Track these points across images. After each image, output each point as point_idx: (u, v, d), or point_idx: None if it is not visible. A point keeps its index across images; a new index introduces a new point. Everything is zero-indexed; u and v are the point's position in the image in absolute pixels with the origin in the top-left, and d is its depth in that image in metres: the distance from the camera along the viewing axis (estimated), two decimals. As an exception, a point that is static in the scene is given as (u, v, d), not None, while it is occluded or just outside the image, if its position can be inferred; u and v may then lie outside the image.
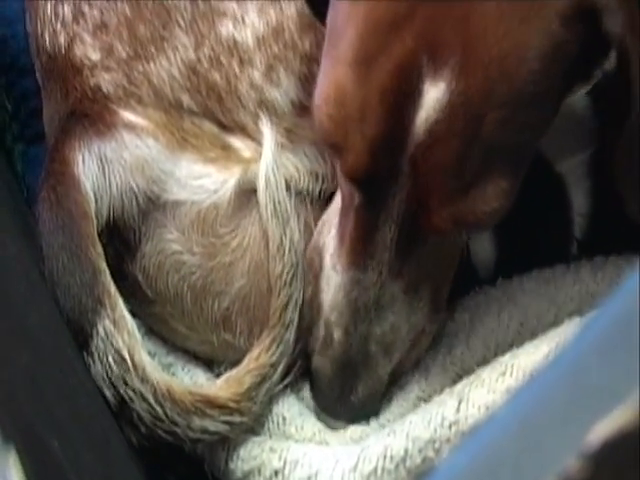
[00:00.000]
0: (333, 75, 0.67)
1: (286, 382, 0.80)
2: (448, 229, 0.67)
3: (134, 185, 0.77)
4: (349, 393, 0.77)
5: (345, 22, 0.66)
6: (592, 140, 0.85)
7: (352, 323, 0.74)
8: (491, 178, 0.65)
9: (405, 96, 0.63)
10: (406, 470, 0.74)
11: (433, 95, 0.63)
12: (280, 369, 0.79)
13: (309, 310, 0.78)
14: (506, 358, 0.77)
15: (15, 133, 0.99)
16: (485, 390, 0.75)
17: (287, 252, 0.78)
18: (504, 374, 0.75)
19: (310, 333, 0.79)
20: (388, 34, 0.63)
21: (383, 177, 0.67)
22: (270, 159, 0.77)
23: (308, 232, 0.81)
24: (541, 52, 0.62)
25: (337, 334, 0.75)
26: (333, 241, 0.75)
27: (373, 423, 0.79)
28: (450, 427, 0.74)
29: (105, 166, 0.77)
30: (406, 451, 0.74)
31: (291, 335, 0.79)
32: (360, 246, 0.71)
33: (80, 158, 0.77)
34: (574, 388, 0.39)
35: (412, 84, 0.63)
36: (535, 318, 0.80)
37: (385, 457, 0.74)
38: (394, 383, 0.80)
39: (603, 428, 0.37)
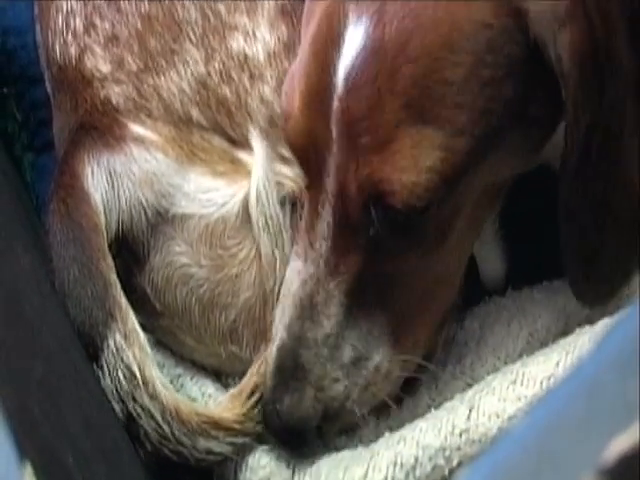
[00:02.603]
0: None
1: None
2: (364, 198, 0.66)
3: (143, 199, 0.78)
4: (276, 399, 0.74)
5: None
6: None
7: (289, 317, 0.72)
8: (411, 144, 0.64)
9: (331, 42, 0.65)
10: (416, 478, 0.73)
11: (353, 41, 0.64)
12: None
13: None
14: (517, 366, 0.76)
15: (25, 142, 0.99)
16: (496, 398, 0.74)
17: (279, 266, 0.77)
18: (515, 382, 0.75)
19: None
20: None
21: (317, 145, 0.67)
22: (261, 174, 0.77)
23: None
24: (454, 18, 0.63)
25: (277, 328, 0.74)
26: None
27: (382, 425, 0.79)
28: (461, 435, 0.74)
29: (114, 180, 0.77)
30: (416, 459, 0.73)
31: None
32: (303, 234, 0.71)
33: (89, 171, 0.77)
34: (590, 404, 0.39)
35: (337, 30, 0.65)
36: (545, 328, 0.80)
37: (395, 465, 0.74)
38: (336, 423, 0.76)
39: (619, 444, 0.37)
